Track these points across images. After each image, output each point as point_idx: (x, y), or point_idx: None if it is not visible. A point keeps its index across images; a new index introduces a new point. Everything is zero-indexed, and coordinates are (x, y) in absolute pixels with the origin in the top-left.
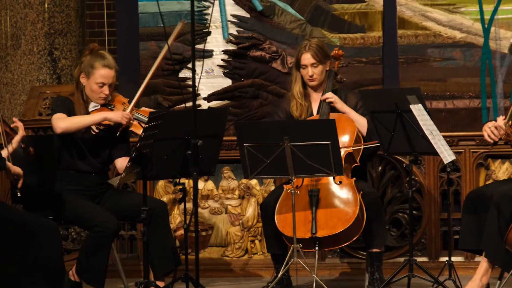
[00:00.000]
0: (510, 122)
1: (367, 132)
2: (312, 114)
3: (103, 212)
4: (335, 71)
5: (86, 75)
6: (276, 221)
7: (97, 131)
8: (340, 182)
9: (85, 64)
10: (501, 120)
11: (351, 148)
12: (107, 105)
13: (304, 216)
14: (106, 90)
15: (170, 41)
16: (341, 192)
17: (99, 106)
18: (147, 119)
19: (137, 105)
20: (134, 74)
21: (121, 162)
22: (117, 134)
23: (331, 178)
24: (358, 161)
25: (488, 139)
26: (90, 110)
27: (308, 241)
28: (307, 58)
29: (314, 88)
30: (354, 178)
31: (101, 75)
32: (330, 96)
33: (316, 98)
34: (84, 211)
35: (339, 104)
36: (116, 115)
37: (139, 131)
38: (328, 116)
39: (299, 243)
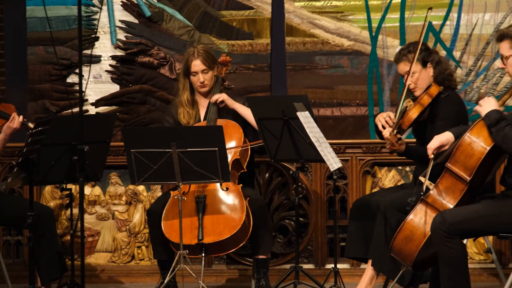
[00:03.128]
0: (395, 132)
1: None
2: (200, 120)
3: None
4: (223, 77)
5: None
6: (162, 227)
7: None
8: (227, 189)
9: None
10: (387, 132)
11: (239, 148)
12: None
13: (191, 223)
14: None
15: None
16: (228, 198)
17: None
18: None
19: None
20: (22, 79)
21: None
22: None
23: (218, 184)
24: (245, 167)
25: (381, 128)
26: None
27: (195, 247)
28: (197, 64)
29: (204, 95)
30: (241, 185)
31: None
32: (219, 96)
33: (204, 105)
34: None
35: (230, 101)
36: None
37: None
38: (216, 122)
39: (186, 249)
